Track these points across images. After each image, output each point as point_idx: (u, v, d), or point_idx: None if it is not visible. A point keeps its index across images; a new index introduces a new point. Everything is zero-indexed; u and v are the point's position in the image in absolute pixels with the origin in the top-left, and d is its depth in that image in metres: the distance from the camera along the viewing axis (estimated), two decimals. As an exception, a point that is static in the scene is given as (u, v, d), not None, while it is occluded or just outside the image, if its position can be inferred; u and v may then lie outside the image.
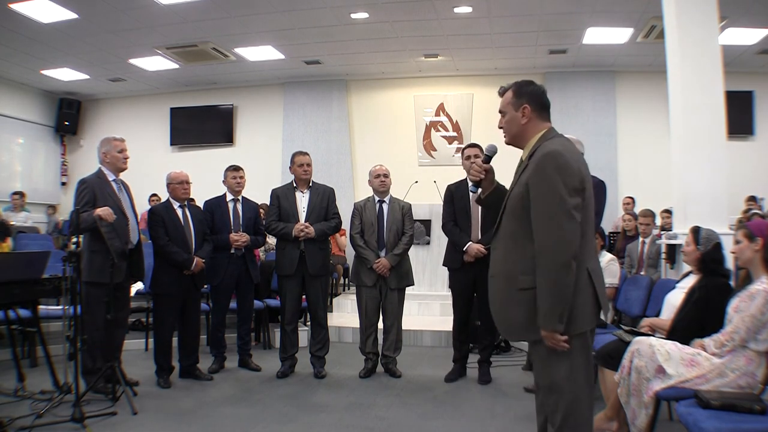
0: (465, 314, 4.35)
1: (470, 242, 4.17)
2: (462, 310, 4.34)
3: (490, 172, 2.22)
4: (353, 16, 6.87)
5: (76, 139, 10.49)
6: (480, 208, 4.22)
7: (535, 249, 1.91)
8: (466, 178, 4.35)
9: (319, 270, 4.44)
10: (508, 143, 2.22)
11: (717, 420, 2.19)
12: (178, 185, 4.30)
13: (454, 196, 4.37)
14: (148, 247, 4.32)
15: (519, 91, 2.13)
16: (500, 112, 2.18)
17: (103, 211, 3.60)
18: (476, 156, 4.26)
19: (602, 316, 2.18)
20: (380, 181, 4.56)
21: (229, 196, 4.76)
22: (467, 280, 4.24)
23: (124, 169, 3.99)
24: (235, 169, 4.79)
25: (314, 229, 4.36)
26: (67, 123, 10.17)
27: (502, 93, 2.20)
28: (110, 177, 3.93)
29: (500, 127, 2.20)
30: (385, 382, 4.34)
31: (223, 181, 4.79)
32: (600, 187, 3.78)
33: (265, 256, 6.44)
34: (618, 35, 7.36)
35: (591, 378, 2.05)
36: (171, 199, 4.34)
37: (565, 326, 1.90)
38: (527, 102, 2.10)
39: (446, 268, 4.44)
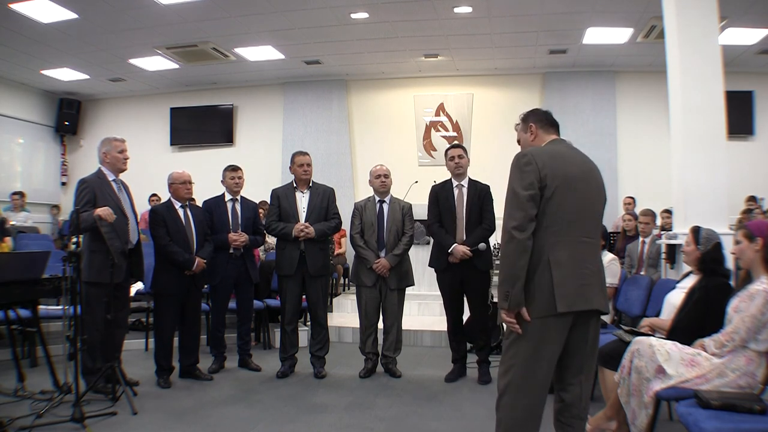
0: (457, 315, 4.36)
1: (455, 244, 4.17)
2: (453, 310, 4.34)
3: None
4: (353, 16, 6.87)
5: (76, 139, 10.49)
6: (465, 207, 4.23)
7: None
8: (450, 179, 4.37)
9: (319, 270, 4.44)
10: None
11: (717, 420, 2.19)
12: (181, 185, 4.30)
13: (439, 196, 4.36)
14: (148, 247, 4.32)
15: (525, 117, 2.45)
16: (518, 142, 2.47)
17: (103, 211, 3.61)
18: (460, 156, 4.31)
19: (604, 307, 2.24)
20: (381, 181, 4.56)
21: (228, 196, 4.76)
22: (454, 281, 4.25)
23: (123, 170, 4.00)
24: (234, 169, 4.78)
25: (314, 229, 4.35)
26: (67, 123, 10.17)
27: (516, 128, 2.50)
28: (110, 177, 3.94)
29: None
30: (385, 382, 4.34)
31: (222, 181, 4.80)
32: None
33: (265, 256, 6.44)
34: (618, 35, 7.36)
35: (543, 367, 2.15)
36: (172, 199, 4.34)
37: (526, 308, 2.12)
38: (532, 121, 2.41)
39: (433, 269, 4.43)
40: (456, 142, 4.68)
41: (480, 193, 4.25)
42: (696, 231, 3.10)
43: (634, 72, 8.65)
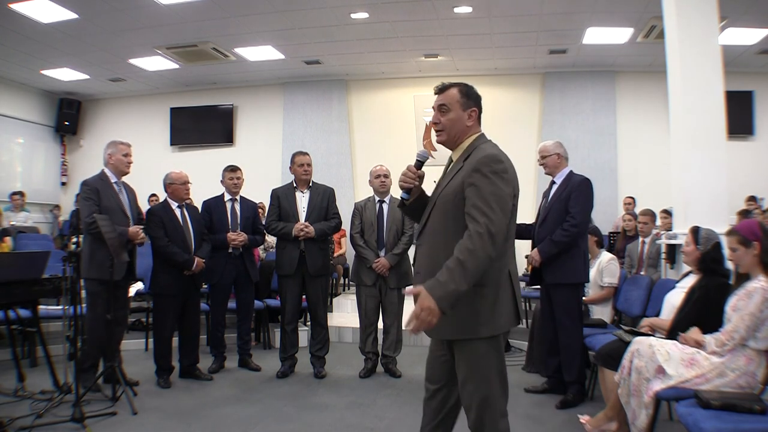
0: None
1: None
2: None
3: (422, 177, 2.15)
4: (353, 16, 6.87)
5: (76, 139, 10.49)
6: None
7: (464, 235, 1.87)
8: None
9: (319, 270, 4.44)
10: (442, 142, 2.11)
11: (717, 420, 2.19)
12: (182, 186, 4.31)
13: None
14: (147, 248, 4.32)
15: (468, 93, 2.09)
16: (441, 106, 2.07)
17: (134, 233, 3.87)
18: None
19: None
20: (380, 181, 4.56)
21: (227, 196, 4.76)
22: None
23: (126, 173, 4.08)
24: (233, 169, 4.79)
25: (314, 229, 4.36)
26: (67, 123, 10.17)
27: (443, 89, 2.09)
28: (112, 179, 4.00)
29: (436, 123, 2.09)
30: (385, 382, 4.34)
31: (221, 181, 4.80)
32: (586, 185, 3.77)
33: (265, 255, 6.44)
34: (618, 35, 7.36)
35: (505, 381, 2.04)
36: (169, 200, 4.35)
37: (487, 326, 1.94)
38: (475, 105, 2.09)
39: None
40: None
41: None
42: (695, 231, 3.10)
43: (634, 72, 8.64)
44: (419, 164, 2.13)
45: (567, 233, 3.64)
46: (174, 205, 4.33)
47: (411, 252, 4.62)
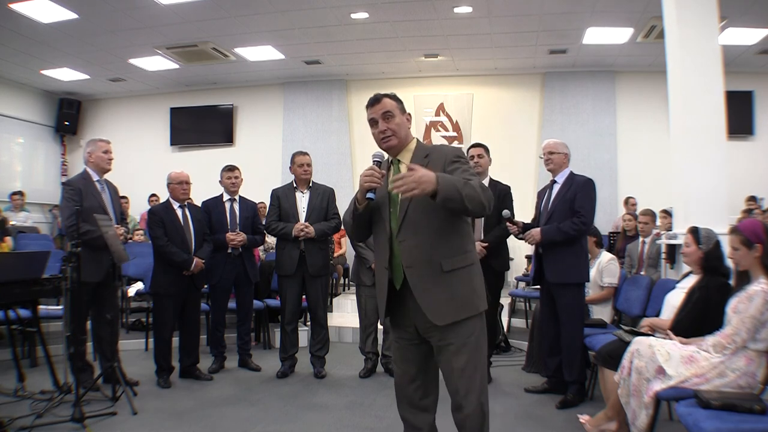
0: None
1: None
2: None
3: (383, 177, 2.19)
4: (353, 16, 6.87)
5: (76, 139, 10.47)
6: None
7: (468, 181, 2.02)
8: None
9: (319, 270, 4.44)
10: (393, 146, 2.23)
11: (717, 420, 2.19)
12: (177, 185, 4.31)
13: None
14: (148, 248, 4.32)
15: (400, 100, 2.30)
16: (385, 113, 2.23)
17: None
18: (480, 156, 4.23)
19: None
20: (380, 181, 4.55)
21: (226, 196, 4.76)
22: None
23: (107, 170, 4.04)
24: (230, 169, 4.78)
25: (314, 229, 4.35)
26: (67, 123, 10.17)
27: (378, 99, 2.28)
28: (94, 177, 3.97)
29: (385, 131, 2.21)
30: (385, 382, 4.34)
31: (220, 182, 4.80)
32: (591, 186, 3.78)
33: (265, 255, 6.44)
34: (618, 35, 7.36)
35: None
36: (171, 200, 4.35)
37: (481, 300, 2.17)
38: (407, 112, 2.31)
39: None
40: (474, 141, 4.59)
41: (500, 194, 4.10)
42: (695, 231, 3.10)
43: (634, 72, 8.65)
44: (378, 164, 2.17)
45: (576, 227, 3.64)
46: (176, 205, 4.33)
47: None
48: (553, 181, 3.91)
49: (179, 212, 4.32)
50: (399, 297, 2.18)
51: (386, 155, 2.27)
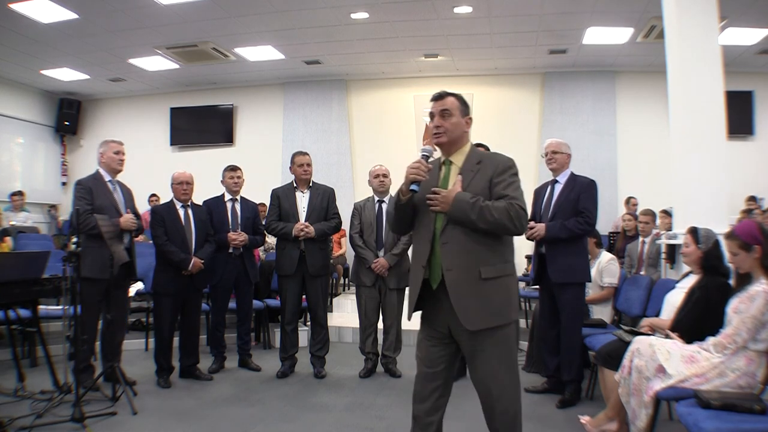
0: None
1: None
2: None
3: (430, 172, 2.25)
4: (353, 16, 6.87)
5: (76, 139, 10.48)
6: None
7: (505, 200, 2.12)
8: None
9: (319, 270, 4.44)
10: (441, 143, 2.28)
11: (717, 420, 2.19)
12: (178, 186, 4.33)
13: None
14: (149, 248, 4.32)
15: (465, 102, 2.33)
16: (443, 111, 2.26)
17: (125, 223, 3.86)
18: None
19: None
20: (379, 181, 4.56)
21: (228, 196, 4.76)
22: None
23: (119, 171, 4.08)
24: (233, 169, 4.79)
25: (314, 229, 4.36)
26: (67, 123, 10.16)
27: (442, 96, 2.31)
28: (106, 177, 4.01)
29: (438, 127, 2.25)
30: (385, 382, 4.34)
31: (221, 181, 4.80)
32: (594, 188, 3.79)
33: (265, 256, 6.44)
34: (618, 35, 7.36)
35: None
36: (174, 200, 4.36)
37: (514, 310, 2.21)
38: (470, 115, 2.33)
39: None
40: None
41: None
42: (694, 231, 3.11)
43: (634, 72, 8.64)
44: (426, 158, 2.21)
45: (581, 226, 3.66)
46: (178, 205, 4.34)
47: (411, 252, 4.65)
48: (555, 181, 3.91)
49: (181, 212, 4.32)
50: (434, 296, 2.20)
51: (435, 151, 2.31)
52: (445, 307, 2.17)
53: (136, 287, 5.88)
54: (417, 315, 2.34)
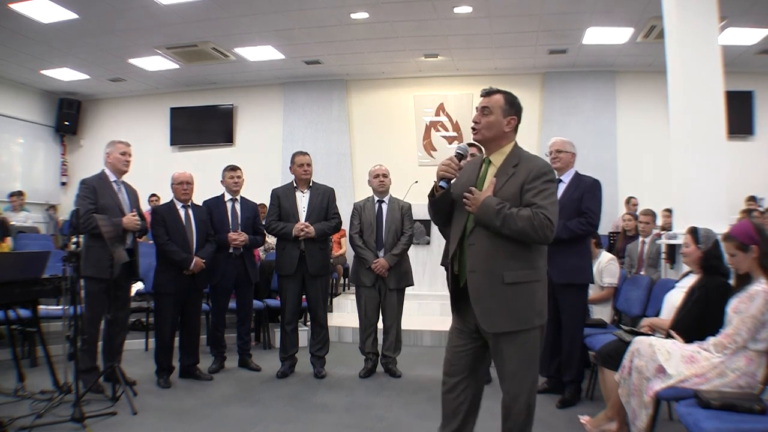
0: None
1: None
2: None
3: (461, 170, 2.27)
4: (353, 16, 6.87)
5: (76, 139, 10.49)
6: None
7: (533, 208, 2.10)
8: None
9: (319, 270, 4.44)
10: (478, 140, 2.30)
11: (717, 420, 2.19)
12: (178, 186, 4.34)
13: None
14: (149, 247, 4.32)
15: (512, 102, 2.28)
16: (484, 108, 2.25)
17: (129, 223, 3.85)
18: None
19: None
20: (379, 181, 4.56)
21: (228, 196, 4.76)
22: None
23: (124, 172, 4.08)
24: (233, 168, 4.79)
25: (314, 229, 4.36)
26: (67, 123, 10.17)
27: (489, 93, 2.29)
28: (111, 178, 4.01)
29: (476, 122, 2.26)
30: (385, 382, 4.34)
31: (221, 181, 4.80)
32: (598, 187, 3.78)
33: (265, 255, 6.44)
34: (618, 35, 7.36)
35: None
36: (174, 199, 4.36)
37: (539, 317, 2.19)
38: (516, 115, 2.27)
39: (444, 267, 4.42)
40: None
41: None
42: (694, 231, 3.11)
43: (634, 72, 8.64)
44: (460, 157, 2.23)
45: (584, 227, 3.66)
46: (179, 205, 4.34)
47: (411, 252, 4.65)
48: (559, 180, 3.91)
49: (182, 212, 4.33)
50: (464, 292, 2.23)
51: (469, 150, 2.33)
52: (471, 304, 2.20)
53: (136, 287, 5.89)
54: (437, 311, 2.39)
